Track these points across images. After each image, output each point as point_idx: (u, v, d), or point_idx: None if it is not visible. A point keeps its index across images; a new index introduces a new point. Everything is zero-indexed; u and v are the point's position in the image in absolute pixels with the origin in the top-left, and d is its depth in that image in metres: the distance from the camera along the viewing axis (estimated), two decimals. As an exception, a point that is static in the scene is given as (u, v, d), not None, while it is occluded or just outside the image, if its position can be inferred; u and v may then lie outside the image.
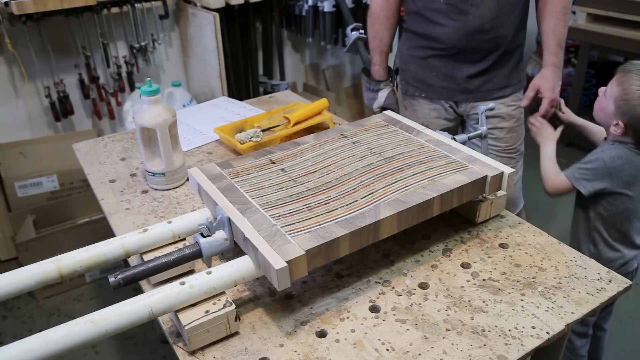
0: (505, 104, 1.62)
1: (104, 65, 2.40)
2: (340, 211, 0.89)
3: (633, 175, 1.34)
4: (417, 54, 1.64)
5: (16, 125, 2.33)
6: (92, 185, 1.30)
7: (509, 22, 1.51)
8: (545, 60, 1.52)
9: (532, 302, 0.88)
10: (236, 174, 1.02)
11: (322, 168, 1.03)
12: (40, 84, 2.31)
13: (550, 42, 1.51)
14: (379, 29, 1.69)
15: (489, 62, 1.55)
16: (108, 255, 0.89)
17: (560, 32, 1.51)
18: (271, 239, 0.83)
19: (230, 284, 0.83)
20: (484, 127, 1.27)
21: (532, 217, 1.64)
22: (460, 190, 0.96)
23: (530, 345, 0.80)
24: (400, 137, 1.14)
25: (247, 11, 2.57)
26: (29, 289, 0.84)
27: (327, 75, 3.17)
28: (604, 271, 0.94)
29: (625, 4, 2.74)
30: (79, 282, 2.23)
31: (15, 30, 2.16)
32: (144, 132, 1.21)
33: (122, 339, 1.95)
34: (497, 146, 1.66)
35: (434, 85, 1.63)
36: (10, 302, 2.14)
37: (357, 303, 0.89)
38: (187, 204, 1.20)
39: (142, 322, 0.77)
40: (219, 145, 1.48)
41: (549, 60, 1.51)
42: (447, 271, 0.96)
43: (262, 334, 0.84)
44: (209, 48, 2.39)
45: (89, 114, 2.50)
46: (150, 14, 2.40)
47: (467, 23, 1.49)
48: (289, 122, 1.46)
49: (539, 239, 1.03)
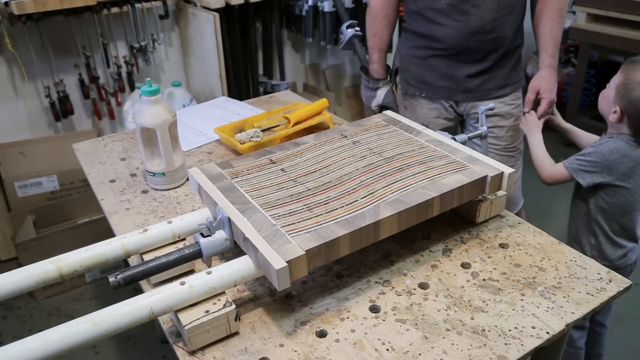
0: (505, 103, 1.63)
1: (104, 65, 2.40)
2: (340, 211, 0.89)
3: (631, 168, 1.35)
4: (417, 54, 1.64)
5: (16, 125, 2.33)
6: (92, 185, 1.30)
7: (510, 23, 1.52)
8: (542, 61, 1.54)
9: (532, 302, 0.88)
10: (236, 174, 1.02)
11: (322, 168, 1.03)
12: (40, 84, 2.31)
13: (548, 43, 1.53)
14: (378, 27, 1.69)
15: (489, 62, 1.55)
16: (108, 255, 0.89)
17: (556, 34, 1.53)
18: (271, 239, 0.83)
19: (230, 284, 0.83)
20: (484, 127, 1.27)
21: (531, 217, 1.64)
22: (460, 190, 0.96)
23: (530, 345, 0.80)
24: (400, 137, 1.14)
25: (247, 11, 2.57)
26: (29, 289, 0.84)
27: (327, 75, 3.17)
28: (604, 271, 0.94)
29: (625, 4, 2.74)
30: (79, 282, 2.23)
31: (15, 30, 2.16)
32: (144, 132, 1.21)
33: (122, 339, 1.95)
34: (497, 145, 1.66)
35: (434, 85, 1.63)
36: (10, 302, 2.14)
37: (357, 303, 0.89)
38: (187, 204, 1.20)
39: (142, 322, 0.77)
40: (219, 145, 1.48)
41: (547, 62, 1.53)
42: (447, 271, 0.96)
43: (262, 334, 0.84)
44: (209, 48, 2.39)
45: (89, 114, 2.51)
46: (150, 14, 2.40)
47: (468, 23, 1.49)
48: (289, 122, 1.46)
49: (539, 239, 1.03)
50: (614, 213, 1.40)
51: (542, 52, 1.55)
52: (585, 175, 1.38)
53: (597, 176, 1.37)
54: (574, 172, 1.39)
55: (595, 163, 1.37)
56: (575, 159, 1.40)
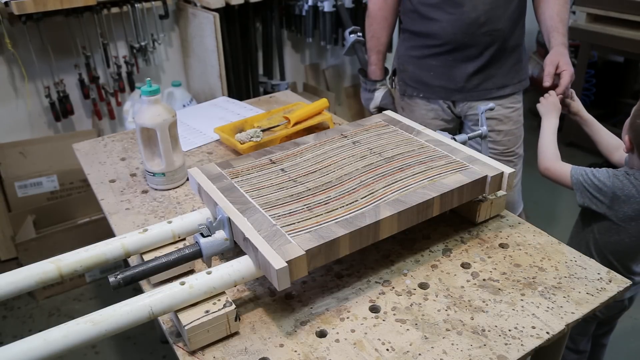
0: (504, 106, 1.62)
1: (104, 65, 2.40)
2: (340, 211, 0.89)
3: (637, 210, 1.22)
4: (414, 54, 1.64)
5: (16, 125, 2.33)
6: (92, 185, 1.30)
7: (505, 17, 1.51)
8: (555, 40, 1.45)
9: (532, 302, 0.88)
10: (236, 174, 1.02)
11: (322, 168, 1.03)
12: (40, 84, 2.31)
13: (558, 24, 1.47)
14: (377, 28, 1.70)
15: (485, 58, 1.55)
16: (108, 255, 0.89)
17: (564, 16, 1.48)
18: (271, 239, 0.83)
19: (230, 284, 0.83)
20: (484, 127, 1.27)
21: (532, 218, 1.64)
22: (460, 190, 0.96)
23: (530, 345, 0.80)
24: (400, 137, 1.14)
25: (247, 11, 2.57)
26: (29, 289, 0.84)
27: (327, 75, 3.17)
28: (604, 271, 0.94)
29: (625, 4, 2.74)
30: (79, 282, 2.23)
31: (15, 30, 2.16)
32: (144, 132, 1.21)
33: (122, 339, 1.95)
34: (495, 149, 1.65)
35: (431, 85, 1.63)
36: (10, 302, 2.14)
37: (357, 303, 0.89)
38: (187, 204, 1.20)
39: (142, 322, 0.77)
40: (219, 145, 1.48)
41: (559, 40, 1.45)
42: (447, 271, 0.96)
43: (262, 334, 0.84)
44: (209, 48, 2.39)
45: (89, 114, 2.50)
46: (150, 14, 2.40)
47: (462, 16, 1.49)
48: (289, 122, 1.46)
49: (539, 239, 1.03)
50: (605, 245, 1.29)
51: (553, 32, 1.46)
52: (584, 194, 1.26)
53: (596, 203, 1.25)
54: (576, 185, 1.26)
55: (601, 191, 1.24)
56: (585, 173, 1.25)
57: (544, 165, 1.34)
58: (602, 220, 1.28)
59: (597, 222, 1.30)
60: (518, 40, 1.59)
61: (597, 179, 1.24)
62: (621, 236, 1.27)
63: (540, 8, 1.54)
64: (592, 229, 1.32)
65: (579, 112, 1.43)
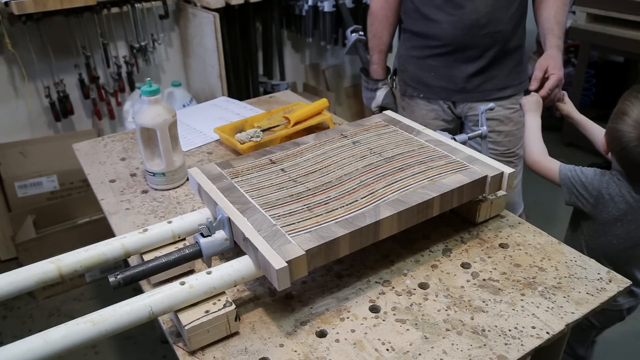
0: (504, 107, 1.62)
1: (104, 65, 2.40)
2: (340, 211, 0.89)
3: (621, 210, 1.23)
4: (415, 54, 1.64)
5: (16, 125, 2.33)
6: (92, 185, 1.30)
7: (506, 18, 1.51)
8: (549, 42, 1.47)
9: (532, 302, 0.88)
10: (236, 174, 1.02)
11: (322, 168, 1.03)
12: (40, 84, 2.31)
13: (554, 26, 1.48)
14: (378, 28, 1.70)
15: (486, 59, 1.55)
16: (108, 255, 0.89)
17: (562, 19, 1.49)
18: (271, 239, 0.83)
19: (230, 284, 0.83)
20: (484, 127, 1.27)
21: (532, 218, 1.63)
22: (460, 190, 0.96)
23: (530, 345, 0.80)
24: (400, 137, 1.14)
25: (247, 11, 2.57)
26: (29, 289, 0.84)
27: (327, 75, 3.17)
28: (604, 271, 0.94)
29: (625, 4, 2.74)
30: (79, 282, 2.23)
31: (15, 30, 2.16)
32: (144, 132, 1.21)
33: (122, 339, 1.95)
34: (495, 149, 1.65)
35: (432, 85, 1.63)
36: (10, 302, 2.14)
37: (357, 303, 0.89)
38: (187, 204, 1.20)
39: (142, 322, 0.77)
40: (219, 145, 1.48)
41: (554, 42, 1.46)
42: (447, 271, 0.96)
43: (262, 334, 0.84)
44: (209, 48, 2.39)
45: (89, 114, 2.51)
46: (150, 14, 2.40)
47: (463, 17, 1.49)
48: (289, 122, 1.46)
49: (539, 239, 1.03)
50: (595, 246, 1.29)
51: (548, 34, 1.48)
52: (571, 192, 1.26)
53: (582, 201, 1.26)
54: (563, 181, 1.27)
55: (587, 191, 1.25)
56: (574, 171, 1.26)
57: (532, 159, 1.34)
58: (588, 220, 1.29)
59: (585, 222, 1.31)
60: (519, 42, 1.59)
61: (584, 175, 1.25)
62: (608, 238, 1.27)
63: (539, 10, 1.54)
64: (582, 231, 1.33)
65: (570, 114, 1.44)
